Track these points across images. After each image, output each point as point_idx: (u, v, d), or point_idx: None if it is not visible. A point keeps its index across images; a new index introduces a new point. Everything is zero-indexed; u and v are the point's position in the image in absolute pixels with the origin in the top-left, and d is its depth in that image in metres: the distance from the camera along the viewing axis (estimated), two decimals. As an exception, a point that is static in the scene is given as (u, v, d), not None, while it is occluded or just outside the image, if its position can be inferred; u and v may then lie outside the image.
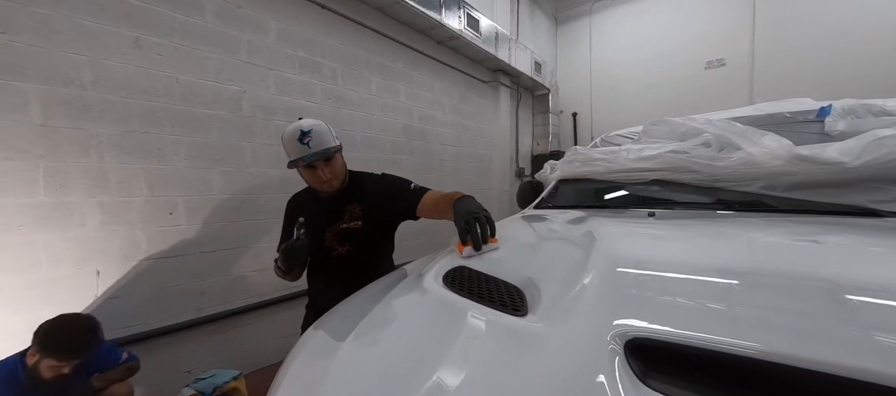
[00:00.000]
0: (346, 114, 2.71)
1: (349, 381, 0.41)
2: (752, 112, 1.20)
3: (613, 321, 0.41)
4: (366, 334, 0.50)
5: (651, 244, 0.74)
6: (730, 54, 4.45)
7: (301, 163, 1.12)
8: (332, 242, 1.21)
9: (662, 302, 0.46)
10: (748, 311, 0.43)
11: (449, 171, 3.78)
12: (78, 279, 1.61)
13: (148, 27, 1.78)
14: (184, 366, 1.94)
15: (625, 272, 0.56)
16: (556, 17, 5.74)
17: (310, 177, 1.17)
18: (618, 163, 1.16)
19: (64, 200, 1.57)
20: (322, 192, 1.21)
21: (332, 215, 1.22)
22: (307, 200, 1.32)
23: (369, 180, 1.30)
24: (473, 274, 0.60)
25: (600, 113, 5.29)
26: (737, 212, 0.88)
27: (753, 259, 0.58)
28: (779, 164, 0.82)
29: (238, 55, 2.13)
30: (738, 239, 0.70)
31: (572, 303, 0.48)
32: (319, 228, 1.21)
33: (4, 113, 1.43)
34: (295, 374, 0.48)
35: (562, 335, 0.41)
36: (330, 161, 1.16)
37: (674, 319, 0.41)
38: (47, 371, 1.23)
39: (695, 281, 0.51)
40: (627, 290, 0.50)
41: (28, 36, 1.48)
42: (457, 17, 3.40)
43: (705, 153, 0.95)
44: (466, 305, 0.51)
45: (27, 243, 1.48)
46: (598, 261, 0.58)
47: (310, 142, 1.11)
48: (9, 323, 1.44)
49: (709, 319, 0.41)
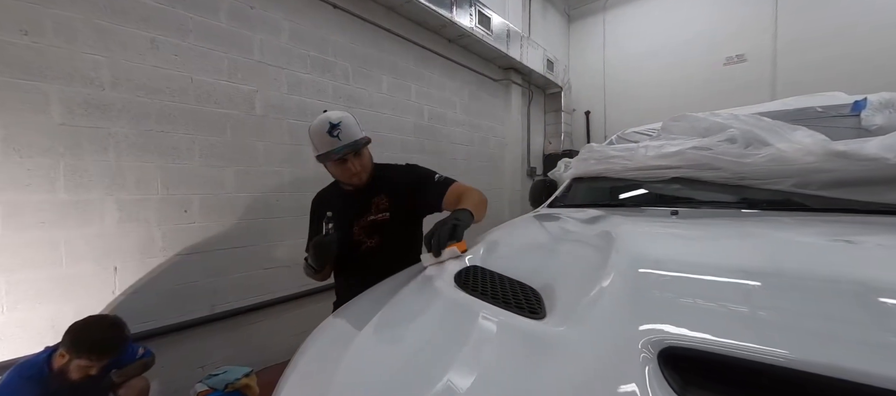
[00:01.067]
0: (358, 113, 2.69)
1: (354, 383, 0.39)
2: (780, 107, 1.14)
3: (640, 326, 0.38)
4: (372, 336, 0.48)
5: (677, 244, 0.70)
6: (750, 49, 4.30)
7: (334, 156, 1.10)
8: (360, 235, 1.19)
9: (694, 307, 0.42)
10: (792, 319, 0.39)
11: (460, 170, 3.75)
12: (97, 275, 1.64)
13: (164, 28, 1.81)
14: (198, 362, 1.96)
15: (649, 274, 0.52)
16: (569, 15, 5.66)
17: (339, 171, 1.16)
18: (636, 161, 1.12)
19: (83, 197, 1.61)
20: (350, 185, 1.20)
21: (360, 208, 1.21)
22: (332, 195, 1.31)
23: (395, 171, 1.29)
24: (487, 274, 0.58)
25: (614, 112, 5.19)
26: (765, 211, 0.83)
27: (791, 261, 0.53)
28: (812, 160, 0.77)
29: (251, 55, 2.15)
30: (771, 239, 0.66)
31: (592, 305, 0.44)
32: (347, 222, 1.20)
33: (27, 112, 1.47)
34: (302, 371, 0.47)
35: (584, 340, 0.38)
36: (359, 154, 1.15)
37: (711, 326, 0.37)
38: (77, 371, 1.24)
39: (729, 285, 0.47)
40: (654, 293, 0.47)
41: (49, 37, 1.51)
42: (468, 14, 3.37)
43: (731, 150, 0.90)
44: (479, 306, 0.48)
45: (48, 239, 1.52)
46: (619, 261, 0.55)
47: (339, 134, 1.09)
48: (30, 318, 1.48)
49: (749, 327, 0.37)
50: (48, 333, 1.50)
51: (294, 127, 2.34)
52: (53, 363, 1.25)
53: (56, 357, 1.25)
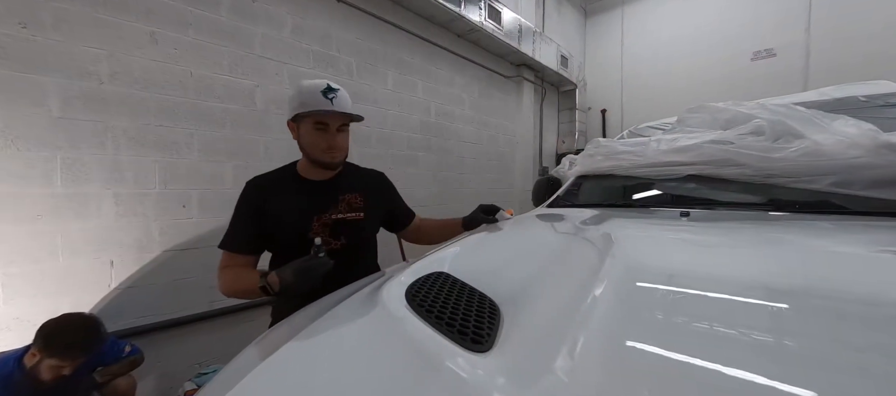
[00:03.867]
0: (362, 109, 2.64)
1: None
2: (816, 97, 0.99)
3: (632, 350, 0.28)
4: (285, 358, 0.38)
5: (683, 253, 0.59)
6: (781, 44, 4.04)
7: (320, 115, 0.97)
8: (320, 233, 1.01)
9: (701, 332, 0.32)
10: (825, 354, 0.29)
11: (468, 169, 3.66)
12: (93, 269, 1.64)
13: (164, 22, 1.80)
14: (195, 358, 1.95)
15: (647, 289, 0.42)
16: (585, 9, 5.47)
17: (315, 138, 1.00)
18: (647, 156, 1.00)
19: (81, 191, 1.60)
20: (321, 162, 1.04)
21: (324, 202, 1.05)
22: (282, 182, 1.08)
23: (368, 173, 1.21)
24: (448, 282, 0.48)
25: (632, 110, 4.99)
26: (797, 213, 0.71)
27: (827, 279, 0.43)
28: (857, 155, 0.64)
29: (252, 49, 2.12)
30: (802, 249, 0.55)
31: (564, 330, 0.34)
32: (303, 215, 1.02)
33: (25, 105, 1.47)
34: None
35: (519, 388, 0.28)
36: (344, 130, 1.04)
37: (719, 356, 0.27)
38: (48, 371, 1.21)
39: (746, 306, 0.37)
40: (650, 314, 0.37)
41: (48, 30, 1.51)
42: (478, 9, 3.27)
43: (756, 143, 0.78)
44: (412, 329, 0.38)
45: (45, 232, 1.52)
46: (613, 270, 0.46)
47: (334, 99, 0.97)
48: (27, 311, 1.48)
49: (768, 361, 0.28)
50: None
51: (296, 123, 2.30)
52: (25, 362, 1.21)
53: (27, 357, 1.21)
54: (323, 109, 0.96)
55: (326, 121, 0.98)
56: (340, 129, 1.02)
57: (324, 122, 0.98)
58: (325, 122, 0.98)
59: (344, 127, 1.03)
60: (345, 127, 1.04)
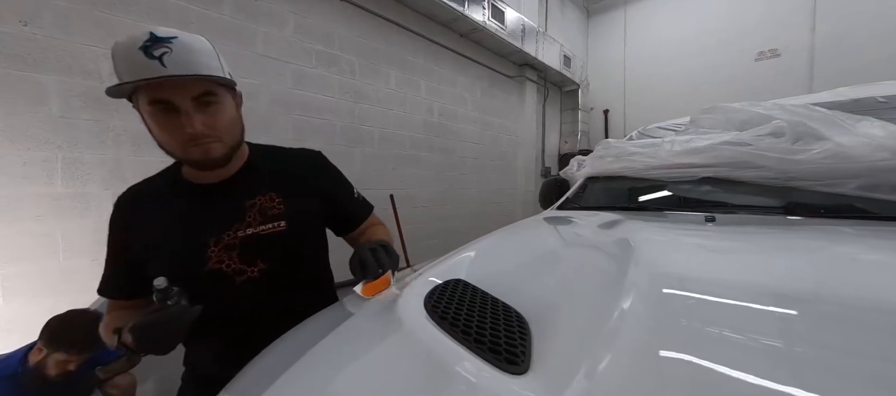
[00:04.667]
0: (364, 109, 2.64)
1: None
2: (831, 98, 0.97)
3: (661, 359, 0.27)
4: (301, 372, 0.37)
5: (709, 259, 0.57)
6: (785, 43, 4.01)
7: (149, 89, 0.59)
8: (224, 262, 0.71)
9: (733, 342, 0.31)
10: (862, 367, 0.28)
11: (470, 168, 3.64)
12: (93, 269, 1.62)
13: (165, 20, 1.78)
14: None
15: (674, 295, 0.41)
16: (588, 9, 5.45)
17: (160, 125, 0.62)
18: (660, 158, 0.98)
19: (81, 190, 1.58)
20: (191, 162, 0.68)
21: (221, 218, 0.72)
22: (156, 194, 0.77)
23: (292, 157, 0.82)
24: (468, 291, 0.46)
25: (634, 110, 4.97)
26: (822, 218, 0.69)
27: (861, 288, 0.41)
28: (885, 157, 0.63)
29: (255, 48, 2.10)
30: (832, 256, 0.53)
31: (599, 348, 0.33)
32: (189, 238, 0.70)
33: (26, 104, 1.46)
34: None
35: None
36: (211, 102, 0.64)
37: (753, 368, 0.26)
38: (54, 367, 1.20)
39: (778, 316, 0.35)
40: (678, 321, 0.35)
41: (49, 28, 1.49)
42: (481, 8, 3.25)
43: (776, 145, 0.76)
44: (441, 346, 0.35)
45: (45, 232, 1.50)
46: (639, 280, 0.44)
47: (166, 56, 0.57)
48: (26, 311, 1.47)
49: (804, 373, 0.27)
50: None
51: (298, 122, 2.28)
52: (29, 359, 1.21)
53: (32, 353, 1.21)
54: (146, 77, 0.57)
55: (165, 96, 0.60)
56: (202, 101, 0.63)
57: (161, 99, 0.60)
58: (164, 98, 0.60)
59: (207, 97, 0.63)
60: (209, 96, 0.63)
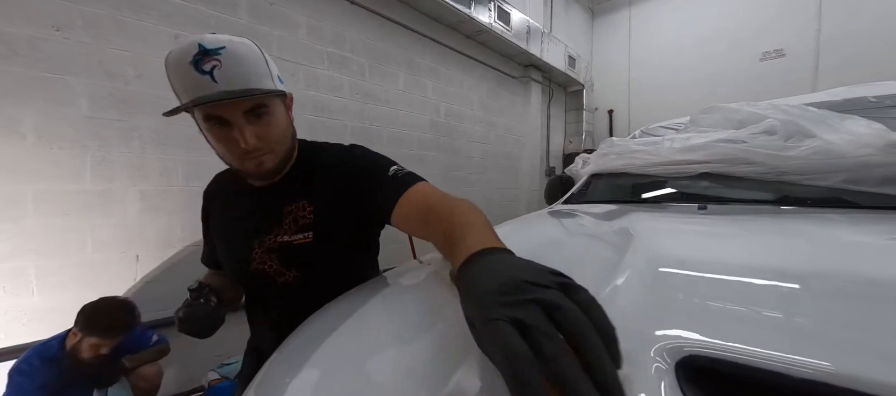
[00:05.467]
0: (373, 109, 2.71)
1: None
2: (826, 98, 1.03)
3: (656, 331, 0.33)
4: (375, 310, 0.46)
5: (703, 241, 0.63)
6: (790, 43, 4.03)
7: (204, 106, 0.58)
8: (266, 264, 0.73)
9: (721, 312, 0.37)
10: (840, 329, 0.33)
11: (476, 168, 3.70)
12: (119, 262, 1.70)
13: (186, 25, 1.86)
14: (216, 351, 2.00)
15: (670, 273, 0.47)
16: (593, 10, 5.49)
17: (216, 139, 0.63)
18: (660, 155, 1.04)
19: (108, 187, 1.66)
20: (246, 173, 0.70)
21: (264, 220, 0.73)
22: (224, 190, 0.82)
23: (328, 158, 0.76)
24: None
25: (639, 110, 5.00)
26: (809, 208, 0.75)
27: (839, 261, 0.47)
28: (868, 153, 0.68)
29: (269, 51, 2.15)
30: (814, 236, 0.59)
31: (599, 291, 0.39)
32: (242, 241, 0.74)
33: (58, 105, 1.54)
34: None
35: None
36: (260, 115, 0.63)
37: (739, 333, 0.32)
38: (88, 350, 1.30)
39: (764, 287, 0.41)
40: (675, 295, 0.42)
41: (78, 32, 1.58)
42: (487, 10, 3.31)
43: (769, 142, 0.82)
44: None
45: (75, 227, 1.58)
46: (635, 259, 0.50)
47: (215, 71, 0.56)
48: (58, 302, 1.55)
49: (786, 335, 0.32)
50: (74, 316, 1.56)
51: (310, 122, 2.36)
52: (67, 342, 1.31)
53: (69, 337, 1.31)
54: (203, 97, 0.56)
55: (218, 113, 0.60)
56: (254, 114, 0.62)
57: (216, 116, 0.60)
58: (217, 114, 0.60)
59: (259, 109, 0.63)
60: (261, 109, 0.63)
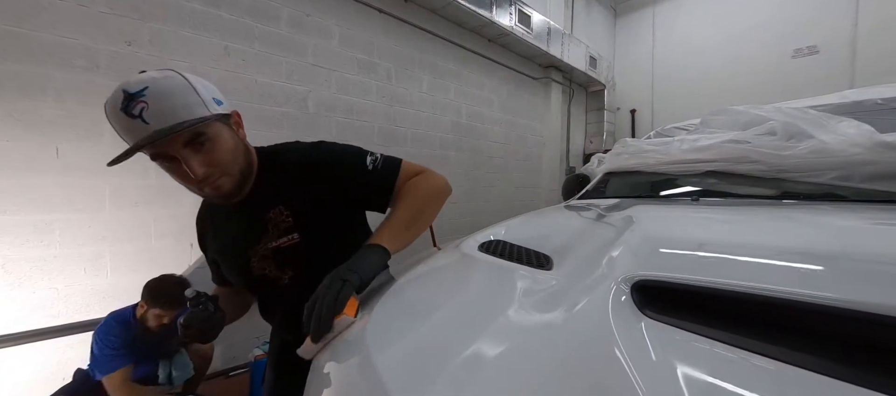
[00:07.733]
0: (399, 111, 2.86)
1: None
2: (837, 100, 1.07)
3: (627, 273, 0.44)
4: (409, 291, 0.58)
5: (691, 222, 0.73)
6: (824, 39, 3.88)
7: (145, 149, 0.59)
8: (265, 269, 0.76)
9: (679, 258, 0.49)
10: (761, 259, 0.45)
11: (496, 168, 3.79)
12: (176, 249, 1.92)
13: (234, 37, 2.06)
14: (258, 331, 2.19)
15: (652, 238, 0.58)
16: (615, 9, 5.45)
17: (173, 175, 0.67)
18: (670, 154, 1.11)
19: (167, 183, 1.86)
20: (210, 199, 0.74)
21: (253, 231, 0.75)
22: (213, 210, 0.85)
23: (291, 159, 0.77)
24: (506, 245, 0.66)
25: (663, 110, 4.93)
26: (803, 201, 0.82)
27: (817, 238, 0.56)
28: (857, 152, 0.74)
29: (306, 58, 2.36)
30: (800, 221, 0.68)
31: (593, 263, 0.51)
32: (239, 253, 0.78)
33: (129, 110, 1.76)
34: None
35: (575, 281, 0.47)
36: (203, 144, 0.63)
37: (683, 268, 0.44)
38: (153, 319, 1.51)
39: (720, 244, 0.52)
40: (650, 253, 0.54)
41: (147, 47, 1.80)
42: (508, 14, 3.40)
43: (770, 143, 0.88)
44: (501, 264, 0.58)
45: (140, 218, 1.81)
46: (631, 237, 0.60)
47: (144, 112, 0.56)
48: (127, 282, 1.77)
49: (715, 267, 0.44)
50: (139, 294, 1.78)
51: (341, 124, 2.53)
52: (137, 312, 1.53)
53: (138, 308, 1.54)
54: (140, 141, 0.58)
55: (160, 151, 0.61)
56: (194, 144, 0.63)
57: (161, 153, 0.62)
58: (162, 152, 0.61)
59: (198, 139, 0.63)
60: (200, 137, 0.63)
